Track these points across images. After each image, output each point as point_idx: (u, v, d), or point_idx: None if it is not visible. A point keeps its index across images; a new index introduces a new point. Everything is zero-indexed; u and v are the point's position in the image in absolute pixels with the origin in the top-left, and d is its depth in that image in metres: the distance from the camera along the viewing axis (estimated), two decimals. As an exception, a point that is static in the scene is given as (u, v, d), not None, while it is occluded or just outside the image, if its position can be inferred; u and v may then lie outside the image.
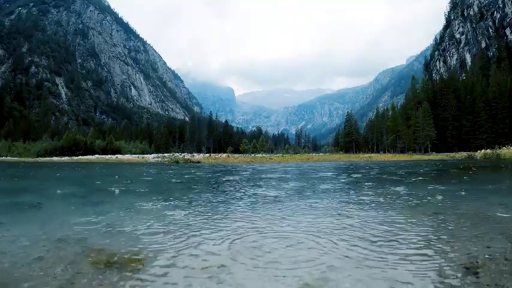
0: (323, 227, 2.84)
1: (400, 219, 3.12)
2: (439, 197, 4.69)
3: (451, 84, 59.56)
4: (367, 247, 2.21)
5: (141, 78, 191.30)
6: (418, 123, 54.46)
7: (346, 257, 2.02)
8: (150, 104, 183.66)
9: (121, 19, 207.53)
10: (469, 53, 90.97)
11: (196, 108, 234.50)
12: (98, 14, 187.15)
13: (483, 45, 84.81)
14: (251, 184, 7.42)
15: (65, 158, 41.39)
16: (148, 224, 3.06)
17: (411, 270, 1.77)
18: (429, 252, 2.08)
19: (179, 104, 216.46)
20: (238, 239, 2.49)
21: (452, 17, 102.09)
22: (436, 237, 2.43)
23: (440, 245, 2.22)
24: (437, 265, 1.84)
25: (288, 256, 2.05)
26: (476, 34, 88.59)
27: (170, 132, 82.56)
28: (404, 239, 2.40)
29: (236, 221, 3.20)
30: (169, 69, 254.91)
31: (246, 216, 3.42)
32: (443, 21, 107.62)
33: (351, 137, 71.86)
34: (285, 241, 2.41)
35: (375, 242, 2.34)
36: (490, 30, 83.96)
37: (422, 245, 2.23)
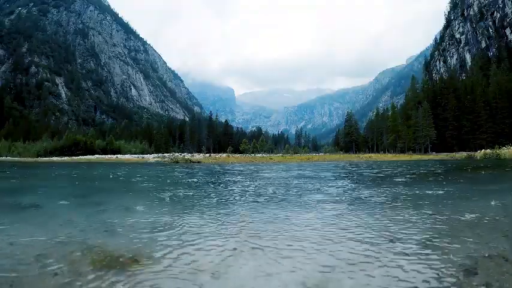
0: (323, 227, 2.84)
1: (399, 219, 3.12)
2: (439, 197, 4.69)
3: (451, 84, 59.47)
4: (367, 247, 2.21)
5: (141, 78, 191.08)
6: (418, 123, 54.40)
7: (346, 256, 2.02)
8: (150, 104, 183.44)
9: (121, 19, 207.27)
10: (469, 53, 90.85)
11: (196, 108, 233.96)
12: (98, 14, 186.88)
13: (483, 45, 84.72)
14: (250, 183, 7.42)
15: (65, 158, 41.38)
16: (148, 223, 3.06)
17: (411, 270, 1.77)
18: (429, 252, 2.08)
19: (179, 104, 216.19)
20: (238, 238, 2.49)
21: (452, 17, 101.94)
22: (435, 237, 2.43)
23: (440, 245, 2.22)
24: (437, 265, 1.84)
25: (288, 256, 2.06)
26: (476, 34, 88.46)
27: (170, 132, 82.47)
28: (404, 238, 2.40)
29: (237, 220, 3.20)
30: (169, 69, 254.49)
31: (246, 216, 3.42)
32: (443, 21, 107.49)
33: (351, 137, 71.78)
34: (285, 241, 2.41)
35: (375, 241, 2.34)
36: (490, 30, 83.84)
37: (422, 245, 2.23)
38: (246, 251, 2.17)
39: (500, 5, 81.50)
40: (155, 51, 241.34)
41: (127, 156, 42.67)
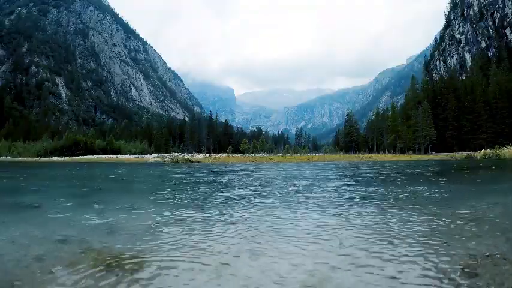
0: (323, 227, 2.84)
1: (399, 219, 3.12)
2: (439, 197, 4.69)
3: (451, 84, 59.47)
4: (367, 247, 2.21)
5: (141, 78, 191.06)
6: (418, 123, 54.40)
7: (346, 256, 2.02)
8: (150, 104, 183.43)
9: (121, 19, 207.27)
10: (469, 53, 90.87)
11: (196, 108, 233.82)
12: (98, 14, 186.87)
13: (483, 45, 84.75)
14: (250, 183, 7.42)
15: (65, 158, 41.40)
16: (148, 224, 3.06)
17: (411, 270, 1.77)
18: (429, 252, 2.08)
19: (179, 104, 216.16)
20: (239, 238, 2.49)
21: (452, 17, 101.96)
22: (435, 237, 2.43)
23: (439, 245, 2.22)
24: (437, 265, 1.84)
25: (288, 255, 2.06)
26: (476, 34, 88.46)
27: (170, 132, 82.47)
28: (404, 238, 2.40)
29: (237, 220, 3.20)
30: (169, 69, 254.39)
31: (246, 216, 3.42)
32: (443, 21, 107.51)
33: (351, 137, 71.77)
34: (285, 241, 2.41)
35: (375, 241, 2.34)
36: (490, 30, 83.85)
37: (422, 245, 2.23)
38: (246, 251, 2.17)
39: (500, 5, 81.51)
40: (155, 51, 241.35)
41: (127, 156, 42.66)
